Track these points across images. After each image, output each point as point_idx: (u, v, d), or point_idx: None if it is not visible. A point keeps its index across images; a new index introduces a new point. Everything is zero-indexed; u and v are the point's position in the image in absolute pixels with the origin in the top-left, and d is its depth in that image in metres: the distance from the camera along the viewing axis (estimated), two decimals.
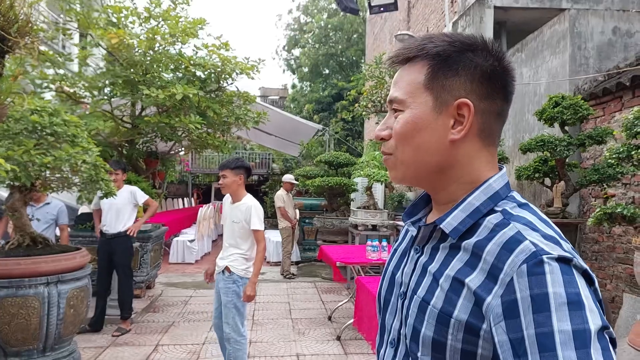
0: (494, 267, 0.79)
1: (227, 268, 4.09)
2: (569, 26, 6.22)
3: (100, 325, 5.74)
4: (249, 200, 4.19)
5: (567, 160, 5.17)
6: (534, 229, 0.82)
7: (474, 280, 0.81)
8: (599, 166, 4.84)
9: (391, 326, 1.00)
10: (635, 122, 3.72)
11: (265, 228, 6.90)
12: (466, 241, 0.87)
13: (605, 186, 5.04)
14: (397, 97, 0.94)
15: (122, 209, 5.76)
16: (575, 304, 0.71)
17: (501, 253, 0.79)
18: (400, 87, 0.95)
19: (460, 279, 0.84)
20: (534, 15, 8.21)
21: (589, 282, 0.76)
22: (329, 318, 6.47)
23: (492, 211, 0.89)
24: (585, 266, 0.77)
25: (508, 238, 0.81)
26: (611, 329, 0.72)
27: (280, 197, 9.43)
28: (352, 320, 5.90)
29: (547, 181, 5.41)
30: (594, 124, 5.71)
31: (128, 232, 5.76)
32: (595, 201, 5.68)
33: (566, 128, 5.20)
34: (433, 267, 0.90)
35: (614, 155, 4.00)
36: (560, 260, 0.75)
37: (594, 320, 0.70)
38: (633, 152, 3.88)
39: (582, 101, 5.07)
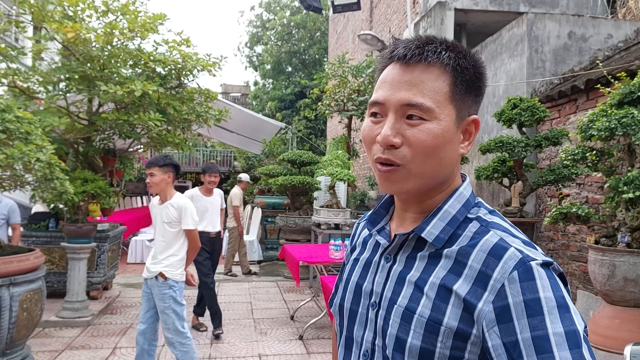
0: (482, 273, 0.82)
1: (161, 274, 3.91)
2: (527, 30, 6.38)
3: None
4: (180, 199, 4.04)
5: (524, 160, 5.30)
6: (513, 235, 0.86)
7: (461, 287, 0.83)
8: (555, 167, 4.98)
9: (362, 338, 0.97)
10: (590, 124, 3.84)
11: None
12: (448, 249, 0.88)
13: (560, 186, 5.20)
14: (422, 103, 0.87)
15: (218, 210, 6.21)
16: (564, 307, 0.75)
17: (488, 260, 0.82)
18: (422, 92, 0.87)
19: (448, 286, 0.84)
20: (493, 18, 8.39)
21: (564, 283, 0.81)
22: (292, 317, 6.45)
23: (466, 219, 0.91)
24: (560, 269, 0.82)
25: (492, 245, 0.84)
26: (587, 328, 0.78)
27: (238, 195, 9.31)
28: (315, 320, 5.90)
29: (506, 181, 5.53)
30: (550, 125, 5.87)
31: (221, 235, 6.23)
32: (550, 201, 5.84)
33: (524, 129, 5.33)
34: (413, 276, 0.90)
35: (569, 157, 4.12)
36: (544, 265, 0.79)
37: (579, 321, 0.76)
38: (587, 154, 4.00)
39: (539, 103, 5.21)
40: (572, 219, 4.05)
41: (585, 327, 0.76)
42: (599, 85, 4.62)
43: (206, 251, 5.84)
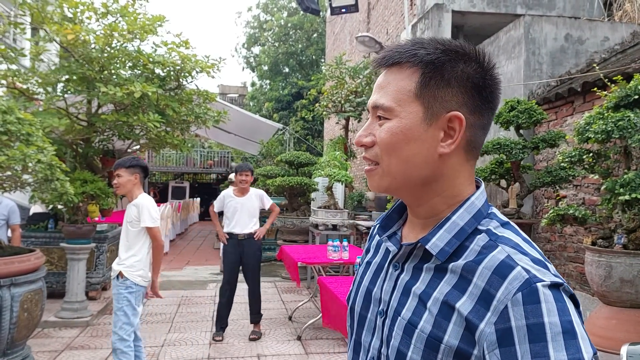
0: (486, 292, 0.78)
1: (120, 274, 3.88)
2: (524, 32, 6.42)
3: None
4: (142, 198, 4.04)
5: (521, 162, 5.34)
6: (523, 252, 0.81)
7: (464, 305, 0.80)
8: (552, 168, 5.02)
9: (370, 344, 0.96)
10: (587, 127, 3.88)
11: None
12: (453, 263, 0.85)
13: (557, 188, 5.24)
14: (383, 103, 0.90)
15: (252, 211, 5.79)
16: (569, 333, 0.72)
17: (493, 278, 0.79)
18: (387, 93, 0.90)
19: (450, 303, 0.82)
20: (490, 20, 8.44)
21: (576, 305, 0.78)
22: (290, 318, 6.47)
23: (476, 230, 0.88)
24: (571, 290, 0.78)
25: (499, 262, 0.80)
26: (597, 354, 0.75)
27: None
28: (313, 320, 5.93)
29: (503, 183, 5.57)
30: (547, 127, 5.92)
31: (255, 236, 5.76)
32: (548, 202, 5.89)
33: (521, 131, 5.37)
34: (418, 289, 0.88)
35: (566, 159, 4.16)
36: (552, 286, 0.75)
37: (586, 348, 0.72)
38: (584, 156, 4.05)
39: (536, 106, 5.25)
40: (569, 221, 4.09)
41: (595, 354, 0.73)
42: (595, 89, 4.67)
43: (232, 256, 5.71)
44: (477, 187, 0.94)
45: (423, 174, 0.89)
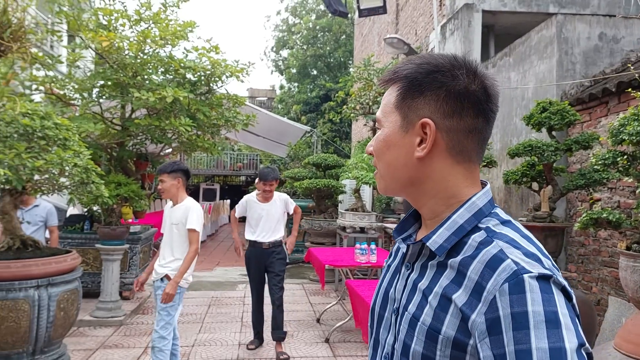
0: (478, 284, 0.83)
1: (167, 276, 4.03)
2: (556, 31, 6.31)
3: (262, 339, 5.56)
4: (189, 201, 4.19)
5: (554, 164, 5.24)
6: (516, 246, 0.85)
7: (460, 297, 0.84)
8: (586, 171, 4.91)
9: (385, 341, 1.02)
10: (621, 128, 3.79)
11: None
12: (452, 259, 0.90)
13: (591, 191, 5.13)
14: (377, 116, 1.04)
15: (278, 217, 5.53)
16: (552, 322, 0.75)
17: (484, 271, 0.83)
18: (381, 108, 1.02)
19: (448, 296, 0.87)
20: (521, 19, 8.32)
21: (568, 298, 0.80)
22: (318, 320, 6.49)
23: (476, 228, 0.92)
24: (564, 283, 0.81)
25: (491, 256, 0.84)
26: (587, 345, 0.76)
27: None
28: (341, 323, 5.94)
29: (535, 185, 5.48)
30: (581, 128, 5.80)
31: (287, 250, 5.58)
32: (581, 205, 5.77)
33: (553, 133, 5.27)
34: (422, 285, 0.93)
35: (600, 162, 4.07)
36: (540, 278, 0.79)
37: (570, 338, 0.74)
38: (619, 159, 3.95)
39: (569, 107, 5.15)
40: (603, 225, 4.00)
41: (582, 344, 0.75)
42: (630, 89, 4.56)
43: (257, 266, 5.39)
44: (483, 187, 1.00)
45: (406, 176, 0.97)
